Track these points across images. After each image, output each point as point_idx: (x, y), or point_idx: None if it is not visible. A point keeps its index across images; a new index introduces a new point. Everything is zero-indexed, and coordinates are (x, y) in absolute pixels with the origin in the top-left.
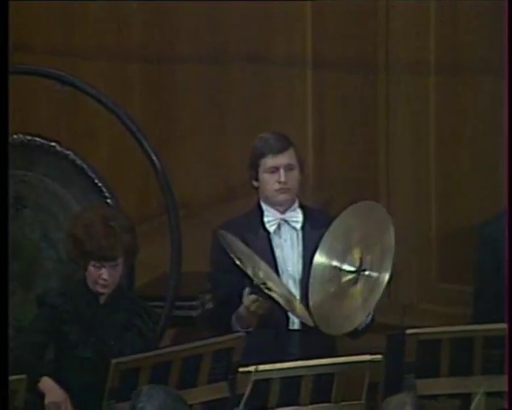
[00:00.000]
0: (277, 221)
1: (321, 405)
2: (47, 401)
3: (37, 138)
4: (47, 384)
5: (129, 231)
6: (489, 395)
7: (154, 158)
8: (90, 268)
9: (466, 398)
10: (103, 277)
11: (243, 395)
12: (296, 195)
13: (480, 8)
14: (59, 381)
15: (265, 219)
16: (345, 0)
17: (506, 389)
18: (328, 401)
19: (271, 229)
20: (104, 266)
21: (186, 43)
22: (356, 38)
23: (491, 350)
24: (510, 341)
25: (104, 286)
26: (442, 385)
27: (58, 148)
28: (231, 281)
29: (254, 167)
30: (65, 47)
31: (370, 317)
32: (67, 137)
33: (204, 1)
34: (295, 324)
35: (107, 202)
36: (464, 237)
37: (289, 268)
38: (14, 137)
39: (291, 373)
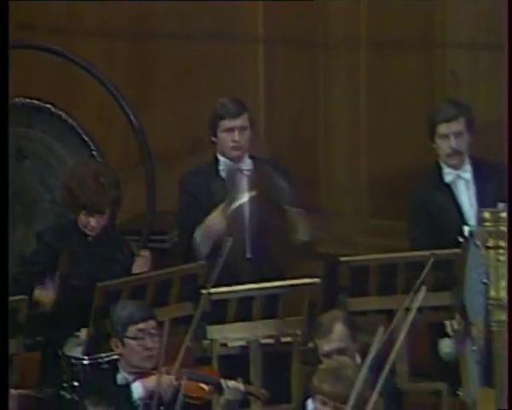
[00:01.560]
0: (230, 168)
1: (269, 320)
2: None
3: (35, 101)
4: (38, 293)
5: (116, 186)
6: (408, 310)
7: (132, 118)
8: (81, 216)
9: (390, 313)
10: (91, 224)
11: (205, 312)
12: (247, 149)
13: None
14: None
15: (220, 168)
16: None
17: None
18: (276, 317)
19: (224, 175)
20: (93, 216)
21: (162, 22)
22: (301, 16)
23: (412, 273)
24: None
25: (91, 230)
26: (370, 303)
27: (53, 109)
28: (193, 219)
29: (214, 127)
30: (61, 26)
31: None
32: (61, 101)
33: None
34: (254, 250)
35: (93, 155)
36: (391, 181)
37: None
38: (16, 99)
39: (244, 294)
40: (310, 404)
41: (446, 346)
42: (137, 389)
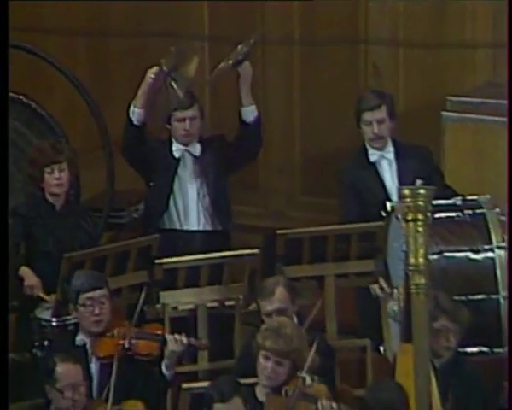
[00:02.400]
0: (181, 151)
1: (215, 286)
2: (25, 283)
3: (10, 93)
4: (25, 272)
5: (71, 150)
6: (338, 276)
7: (93, 108)
8: (46, 176)
9: (320, 279)
10: (55, 176)
11: (159, 280)
12: (196, 135)
13: None
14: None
15: (173, 149)
16: None
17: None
18: (221, 284)
19: (177, 155)
20: (54, 170)
21: (118, 21)
22: (241, 16)
23: (339, 244)
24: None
25: (58, 185)
26: (303, 270)
27: (24, 100)
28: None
29: (168, 116)
30: (27, 25)
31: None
32: (31, 93)
33: None
34: (201, 224)
35: (59, 140)
36: (322, 162)
37: (189, 185)
38: None
39: (193, 264)
40: None
41: (392, 306)
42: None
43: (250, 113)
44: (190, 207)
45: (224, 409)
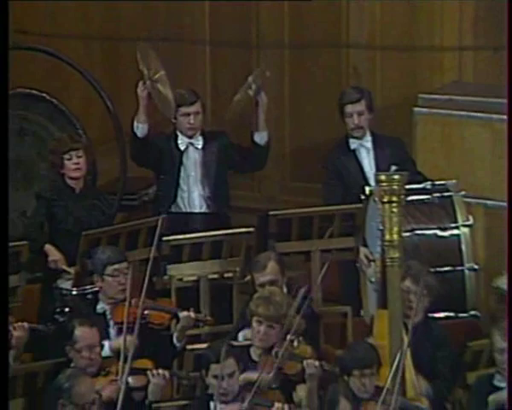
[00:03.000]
0: (186, 143)
1: (215, 260)
2: (50, 258)
3: (33, 91)
4: (49, 249)
5: (87, 139)
6: (322, 251)
7: (108, 104)
8: (66, 162)
9: (307, 254)
10: (74, 161)
11: (167, 255)
12: (199, 128)
13: None
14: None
15: (179, 142)
16: None
17: None
18: (220, 258)
19: (182, 148)
20: (72, 156)
21: (128, 26)
22: (236, 20)
23: (323, 224)
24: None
25: (77, 170)
26: (292, 246)
27: (47, 97)
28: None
29: (174, 112)
30: (47, 30)
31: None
32: (53, 90)
33: None
34: (203, 207)
35: (78, 132)
36: (309, 151)
37: (192, 173)
38: (19, 90)
39: (196, 241)
40: (240, 334)
41: (371, 275)
42: (111, 317)
43: (263, 137)
44: (193, 193)
45: (220, 369)
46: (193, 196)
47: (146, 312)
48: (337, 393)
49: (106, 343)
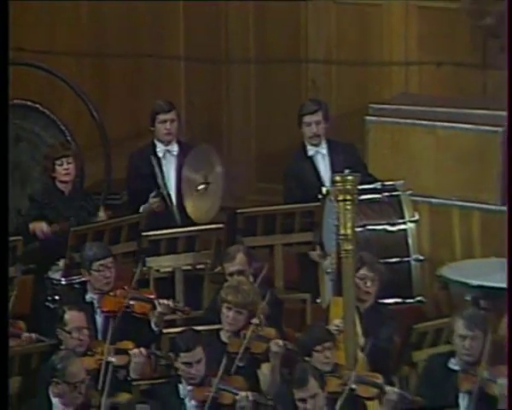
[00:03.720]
0: (163, 151)
1: (189, 253)
2: (37, 230)
3: (28, 102)
4: (34, 225)
5: (76, 147)
6: (284, 245)
7: (95, 114)
8: (57, 167)
9: (271, 247)
10: (64, 167)
11: (145, 248)
12: (175, 135)
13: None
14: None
15: (157, 149)
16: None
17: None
18: (193, 251)
19: (160, 155)
20: (63, 162)
21: (114, 44)
22: (207, 38)
23: (285, 220)
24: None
25: (67, 174)
26: (257, 241)
27: (40, 108)
28: (140, 185)
29: (152, 119)
30: (44, 48)
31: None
32: (46, 102)
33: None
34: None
35: (67, 139)
36: (272, 155)
37: (170, 177)
38: (15, 101)
39: (171, 236)
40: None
41: (327, 267)
42: (98, 306)
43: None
44: (172, 194)
45: (188, 357)
46: (170, 197)
47: (131, 302)
48: (306, 372)
49: None
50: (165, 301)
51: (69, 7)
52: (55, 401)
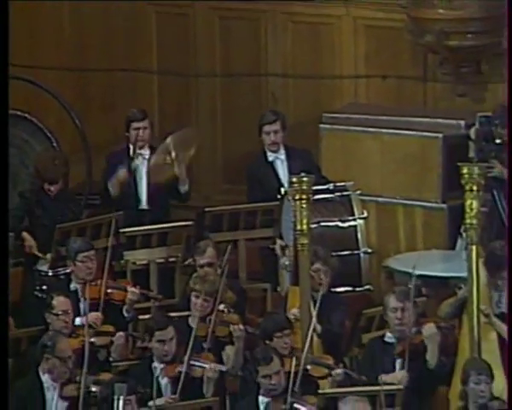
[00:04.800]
0: (137, 154)
1: (162, 247)
2: (25, 244)
3: (17, 111)
4: (25, 236)
5: (66, 164)
6: (247, 240)
7: (77, 122)
8: (45, 185)
9: (236, 241)
10: (51, 190)
11: (123, 243)
12: (148, 141)
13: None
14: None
15: (131, 153)
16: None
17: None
18: (166, 245)
19: (133, 157)
20: (51, 185)
21: (94, 58)
22: (178, 53)
23: (248, 218)
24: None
25: (51, 192)
26: (223, 236)
27: (28, 117)
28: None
29: (127, 127)
30: (31, 63)
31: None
32: (33, 111)
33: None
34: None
35: (53, 145)
36: (236, 159)
37: (142, 178)
38: None
39: (146, 232)
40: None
41: (284, 261)
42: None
43: (184, 187)
44: (144, 194)
45: (162, 335)
46: (143, 197)
47: (109, 290)
48: (270, 351)
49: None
50: (134, 289)
51: (52, 24)
52: (45, 377)
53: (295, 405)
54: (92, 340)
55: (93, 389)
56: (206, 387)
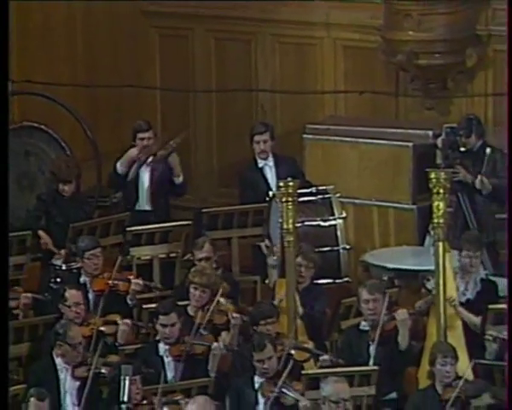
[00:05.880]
0: (142, 161)
1: (164, 244)
2: (42, 241)
3: (34, 123)
4: (41, 234)
5: (77, 167)
6: (240, 237)
7: (89, 133)
8: (60, 185)
9: (229, 239)
10: (66, 189)
11: (129, 240)
12: (151, 150)
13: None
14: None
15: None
16: None
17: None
18: (167, 242)
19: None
20: (65, 185)
21: (103, 76)
22: (178, 70)
23: (241, 218)
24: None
25: (66, 193)
26: (219, 234)
27: (44, 128)
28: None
29: (134, 137)
30: (49, 80)
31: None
32: (49, 123)
33: None
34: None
35: (67, 154)
36: (231, 166)
37: (144, 184)
38: (24, 123)
39: (150, 230)
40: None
41: (271, 261)
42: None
43: (179, 179)
44: (148, 197)
45: (166, 319)
46: (147, 201)
47: (115, 282)
48: (264, 338)
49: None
50: (137, 280)
51: (66, 44)
52: (58, 360)
53: (283, 389)
54: (101, 328)
55: (102, 370)
56: (211, 363)
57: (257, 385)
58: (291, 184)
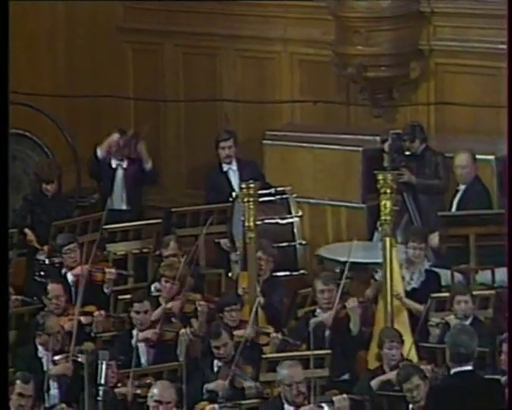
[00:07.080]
0: (116, 164)
1: (137, 241)
2: (27, 238)
3: (19, 130)
4: (27, 231)
5: (58, 168)
6: (206, 234)
7: (69, 140)
8: (43, 185)
9: (196, 236)
10: (48, 188)
11: (105, 237)
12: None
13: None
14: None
15: (112, 162)
16: None
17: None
18: (140, 239)
19: (113, 166)
20: (48, 184)
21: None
22: (150, 82)
23: (206, 216)
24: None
25: (49, 192)
26: (186, 231)
27: (29, 135)
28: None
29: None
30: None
31: None
32: (33, 130)
33: None
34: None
35: (49, 158)
36: (197, 169)
37: (119, 186)
38: (11, 130)
39: (124, 228)
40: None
41: (234, 257)
42: (70, 277)
43: (149, 165)
44: (121, 197)
45: (139, 307)
46: (120, 200)
47: (93, 272)
48: (220, 326)
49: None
50: (111, 270)
51: (48, 57)
52: (40, 347)
53: (237, 371)
54: (80, 318)
55: (79, 359)
56: (179, 349)
57: (216, 369)
58: (252, 185)
